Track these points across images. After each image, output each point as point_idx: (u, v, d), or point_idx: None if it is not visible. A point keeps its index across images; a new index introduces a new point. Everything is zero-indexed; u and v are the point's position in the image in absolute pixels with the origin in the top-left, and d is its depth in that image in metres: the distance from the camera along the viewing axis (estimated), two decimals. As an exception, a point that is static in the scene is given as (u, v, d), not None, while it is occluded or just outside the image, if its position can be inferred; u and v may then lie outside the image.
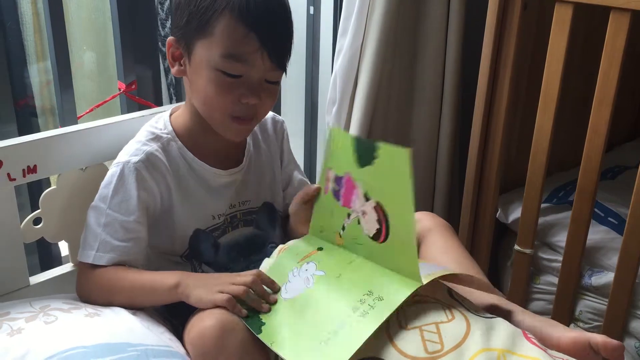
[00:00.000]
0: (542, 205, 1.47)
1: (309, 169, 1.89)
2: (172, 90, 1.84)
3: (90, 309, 0.96)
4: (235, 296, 0.91)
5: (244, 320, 0.91)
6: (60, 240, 1.19)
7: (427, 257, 1.10)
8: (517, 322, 0.94)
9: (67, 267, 1.19)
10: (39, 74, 1.78)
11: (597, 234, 1.46)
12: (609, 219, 1.51)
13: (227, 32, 0.97)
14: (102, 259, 1.00)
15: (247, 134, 1.13)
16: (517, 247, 1.47)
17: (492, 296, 1.04)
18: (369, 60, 1.51)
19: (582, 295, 1.43)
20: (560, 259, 1.42)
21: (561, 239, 1.44)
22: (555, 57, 1.29)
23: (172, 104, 1.35)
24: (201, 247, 1.09)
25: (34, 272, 1.16)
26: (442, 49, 1.60)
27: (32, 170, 1.07)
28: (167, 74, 1.83)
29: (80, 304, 0.99)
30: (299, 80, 1.84)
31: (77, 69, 1.85)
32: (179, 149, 1.08)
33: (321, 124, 1.84)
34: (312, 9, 1.73)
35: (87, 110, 1.49)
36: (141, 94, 1.43)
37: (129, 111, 1.39)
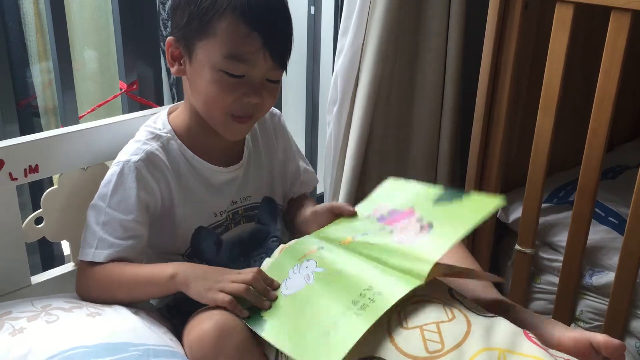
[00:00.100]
0: (543, 205, 1.47)
1: (309, 168, 1.89)
2: (174, 90, 1.85)
3: (91, 308, 0.96)
4: (236, 294, 0.91)
5: (246, 320, 0.91)
6: (61, 239, 1.19)
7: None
8: (517, 321, 0.94)
9: (68, 267, 1.19)
10: (41, 74, 1.78)
11: (597, 233, 1.46)
12: (610, 218, 1.51)
13: (229, 32, 0.97)
14: (101, 255, 1.00)
15: (246, 133, 1.13)
16: (517, 247, 1.47)
17: (492, 292, 1.04)
18: (369, 59, 1.51)
19: (583, 295, 1.43)
20: (560, 258, 1.42)
21: (562, 238, 1.44)
22: (556, 56, 1.29)
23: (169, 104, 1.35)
24: (203, 245, 1.09)
25: (35, 271, 1.16)
26: (443, 48, 1.60)
27: (33, 170, 1.07)
28: (169, 74, 1.83)
29: (81, 303, 0.99)
30: (300, 80, 1.84)
31: (79, 69, 1.85)
32: (179, 147, 1.08)
33: (322, 124, 1.84)
34: (313, 8, 1.73)
35: (89, 110, 1.50)
36: (143, 94, 1.43)
37: (131, 111, 1.39)
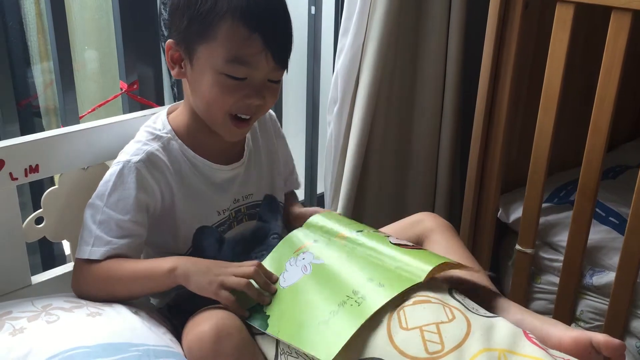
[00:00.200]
0: (543, 204, 1.47)
1: (310, 168, 1.89)
2: (175, 89, 1.85)
3: (92, 308, 0.96)
4: (237, 289, 0.92)
5: (247, 319, 0.91)
6: (61, 239, 1.19)
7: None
8: (517, 321, 0.94)
9: (68, 267, 1.19)
10: (42, 74, 1.78)
11: (598, 233, 1.46)
12: (610, 218, 1.51)
13: (230, 35, 0.97)
14: (97, 253, 1.00)
15: (246, 133, 1.13)
16: (518, 247, 1.47)
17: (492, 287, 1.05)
18: (370, 59, 1.51)
19: (583, 294, 1.43)
20: (561, 258, 1.42)
21: (562, 238, 1.44)
22: (556, 56, 1.29)
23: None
24: (204, 244, 1.09)
25: (35, 271, 1.16)
26: (443, 48, 1.60)
27: (34, 169, 1.07)
28: (170, 74, 1.83)
29: (82, 302, 0.99)
30: (301, 80, 1.84)
31: (80, 69, 1.85)
32: (179, 147, 1.08)
33: (322, 124, 1.84)
34: (313, 8, 1.73)
35: (89, 110, 1.49)
36: (143, 94, 1.43)
37: (131, 111, 1.39)
